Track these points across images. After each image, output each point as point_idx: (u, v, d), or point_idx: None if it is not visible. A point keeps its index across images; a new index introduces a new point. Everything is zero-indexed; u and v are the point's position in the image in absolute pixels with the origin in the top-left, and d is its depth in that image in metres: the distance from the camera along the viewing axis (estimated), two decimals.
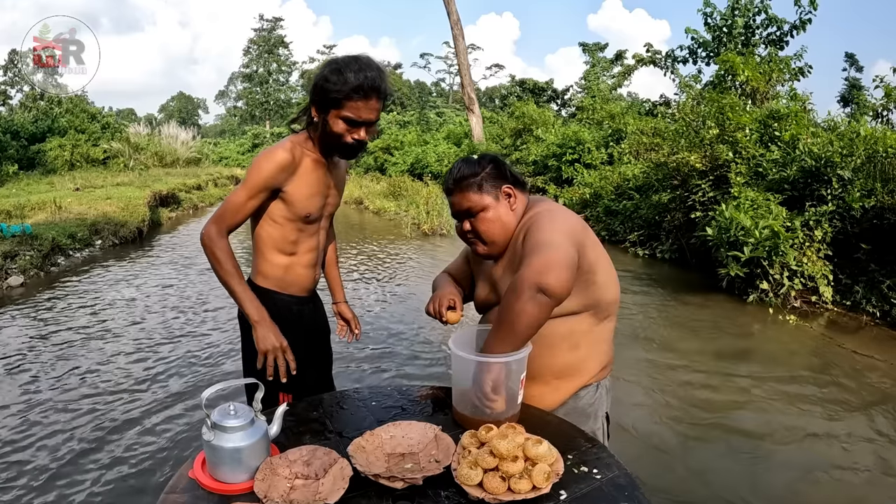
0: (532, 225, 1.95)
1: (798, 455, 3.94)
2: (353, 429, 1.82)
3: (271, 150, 2.26)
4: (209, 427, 1.56)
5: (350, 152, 2.30)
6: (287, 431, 1.80)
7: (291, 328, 2.33)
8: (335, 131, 2.20)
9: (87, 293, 7.99)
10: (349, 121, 2.17)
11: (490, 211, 2.05)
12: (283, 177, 2.23)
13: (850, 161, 7.33)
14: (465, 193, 2.07)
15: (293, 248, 2.38)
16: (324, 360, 2.74)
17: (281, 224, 2.32)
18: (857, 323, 6.64)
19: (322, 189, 2.38)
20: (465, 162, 2.14)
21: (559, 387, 2.06)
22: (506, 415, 1.80)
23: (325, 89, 2.15)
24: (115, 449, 3.94)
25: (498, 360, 1.73)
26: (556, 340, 2.00)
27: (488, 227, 2.05)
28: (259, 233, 2.36)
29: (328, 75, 2.14)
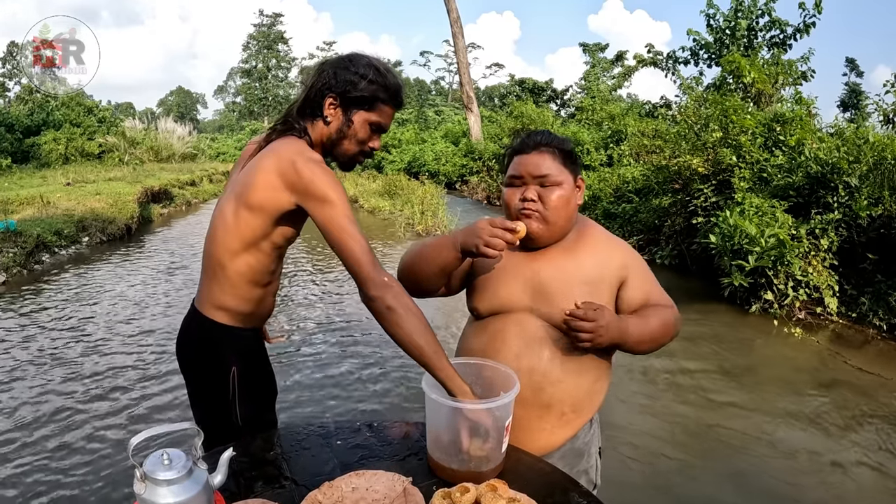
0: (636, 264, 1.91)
1: (801, 480, 3.77)
2: (313, 475, 1.58)
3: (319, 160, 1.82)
4: (139, 479, 1.31)
5: (355, 162, 1.99)
6: (238, 476, 1.57)
7: (254, 365, 2.08)
8: (359, 135, 1.90)
9: (70, 293, 7.78)
10: (376, 126, 1.91)
11: (565, 189, 1.82)
12: None
13: (857, 168, 7.11)
14: (549, 156, 1.83)
15: (270, 277, 1.99)
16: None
17: (268, 253, 1.91)
18: (863, 336, 6.43)
19: None
20: (548, 132, 1.91)
21: (571, 421, 1.85)
22: (488, 466, 1.55)
23: (359, 87, 1.84)
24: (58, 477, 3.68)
25: (479, 407, 1.51)
26: (585, 369, 1.82)
27: (558, 204, 1.81)
28: (237, 264, 1.89)
29: (364, 71, 1.84)
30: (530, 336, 1.81)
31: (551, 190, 1.81)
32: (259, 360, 2.12)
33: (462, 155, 25.42)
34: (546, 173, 1.81)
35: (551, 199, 1.80)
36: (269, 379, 2.17)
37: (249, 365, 2.03)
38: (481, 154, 22.97)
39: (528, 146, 1.85)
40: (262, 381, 2.11)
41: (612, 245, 1.91)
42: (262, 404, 2.11)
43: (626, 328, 1.73)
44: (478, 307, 1.93)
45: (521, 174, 1.84)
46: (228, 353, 1.98)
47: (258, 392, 2.09)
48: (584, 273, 1.83)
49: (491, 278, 1.91)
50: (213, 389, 2.00)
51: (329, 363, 5.57)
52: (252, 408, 2.03)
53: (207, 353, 2.01)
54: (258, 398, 2.09)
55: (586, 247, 1.87)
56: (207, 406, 2.07)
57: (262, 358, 2.15)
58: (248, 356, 2.04)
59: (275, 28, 68.00)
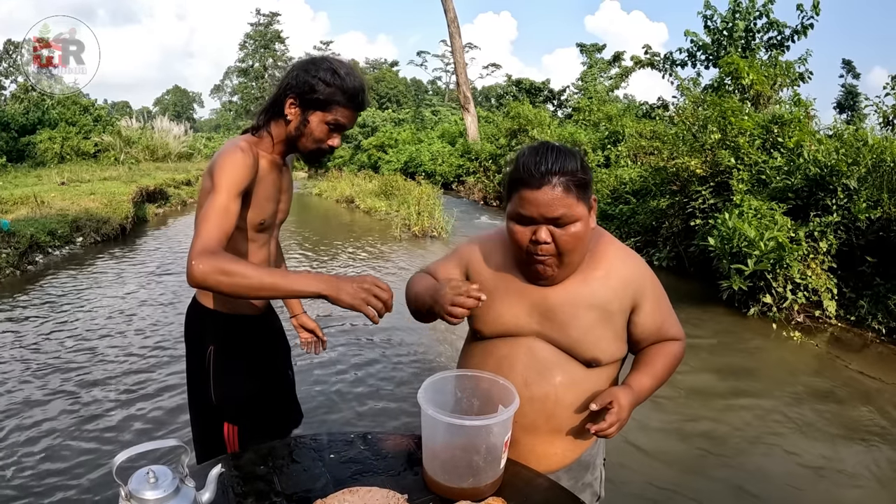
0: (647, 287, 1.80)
1: (801, 485, 3.75)
2: (304, 490, 1.53)
3: (233, 150, 1.94)
4: (124, 498, 1.27)
5: (316, 158, 2.11)
6: (227, 492, 1.52)
7: (241, 353, 2.20)
8: (315, 134, 2.02)
9: (63, 294, 7.71)
10: (334, 126, 2.03)
11: (582, 224, 1.62)
12: (251, 177, 1.95)
13: (855, 170, 7.08)
14: (563, 193, 1.57)
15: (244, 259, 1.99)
16: (286, 383, 2.51)
17: (233, 235, 1.94)
18: (862, 340, 6.40)
19: (275, 194, 2.15)
20: (557, 149, 1.61)
21: (582, 443, 1.82)
22: (486, 482, 1.51)
23: (316, 89, 1.96)
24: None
25: (478, 423, 1.46)
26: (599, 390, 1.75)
27: (576, 244, 1.64)
28: None
29: (322, 74, 1.96)
30: (540, 362, 1.74)
31: (569, 231, 1.62)
32: (242, 346, 2.21)
33: (459, 155, 25.42)
34: (561, 213, 1.59)
35: (567, 240, 1.62)
36: (256, 368, 2.25)
37: (228, 347, 2.16)
38: (478, 154, 22.95)
39: (537, 179, 1.58)
40: (242, 368, 2.19)
41: (626, 265, 1.77)
42: (241, 390, 2.18)
43: (640, 395, 1.75)
44: (482, 329, 1.83)
45: (532, 215, 1.61)
46: (207, 332, 2.18)
47: (236, 375, 2.18)
48: (594, 297, 1.72)
49: (497, 300, 1.78)
50: (195, 368, 2.21)
51: (323, 373, 5.51)
52: (228, 390, 2.16)
53: (192, 332, 2.24)
54: (236, 382, 2.17)
55: (598, 267, 1.74)
56: (191, 385, 2.26)
57: (247, 344, 2.23)
58: (227, 338, 2.17)
59: (272, 27, 67.98)
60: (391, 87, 61.98)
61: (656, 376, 1.78)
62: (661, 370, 1.79)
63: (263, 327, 2.33)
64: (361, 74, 2.09)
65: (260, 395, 2.25)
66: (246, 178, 1.92)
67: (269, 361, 2.36)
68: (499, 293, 1.78)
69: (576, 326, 1.69)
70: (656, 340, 1.83)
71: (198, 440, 2.28)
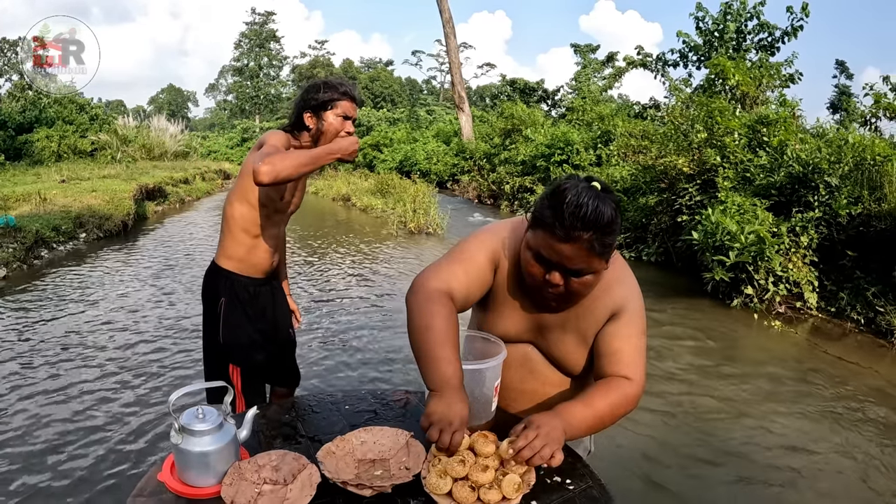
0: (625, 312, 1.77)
1: (781, 462, 3.93)
2: (325, 433, 1.78)
3: (279, 132, 2.64)
4: (177, 430, 1.52)
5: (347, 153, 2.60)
6: (258, 435, 1.77)
7: (246, 307, 2.78)
8: (334, 126, 2.62)
9: (70, 287, 7.90)
10: (344, 116, 2.63)
11: (597, 275, 1.69)
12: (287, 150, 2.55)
13: (837, 168, 7.33)
14: (588, 252, 1.60)
15: (258, 230, 2.71)
16: (283, 341, 3.06)
17: (255, 207, 2.66)
18: (841, 330, 6.64)
19: (295, 184, 2.76)
20: (601, 200, 1.60)
21: None
22: (479, 422, 1.77)
23: (318, 98, 2.60)
24: (85, 448, 3.87)
25: (468, 367, 1.70)
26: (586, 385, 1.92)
27: (586, 291, 1.72)
28: (232, 213, 2.70)
29: (320, 88, 2.62)
30: (533, 366, 1.94)
31: (584, 281, 1.67)
32: (248, 301, 2.79)
33: (453, 154, 25.49)
34: (578, 268, 1.64)
35: (578, 287, 1.69)
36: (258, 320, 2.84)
37: (237, 301, 2.75)
38: (472, 153, 23.04)
39: (566, 231, 1.58)
40: (246, 318, 2.79)
41: (615, 287, 1.80)
42: (245, 335, 2.78)
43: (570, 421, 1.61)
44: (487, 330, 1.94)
45: (550, 259, 1.65)
46: (221, 288, 2.76)
47: (241, 323, 2.77)
48: (578, 322, 1.82)
49: (505, 308, 1.89)
50: (210, 315, 2.80)
51: (327, 348, 5.81)
52: (233, 334, 2.77)
53: (209, 287, 2.83)
54: (240, 328, 2.77)
55: (593, 295, 1.78)
56: (205, 333, 2.87)
57: (252, 300, 2.81)
58: (237, 295, 2.75)
59: (267, 26, 67.96)
60: (386, 86, 62.01)
61: (594, 409, 1.66)
62: (600, 405, 1.66)
63: (268, 289, 2.91)
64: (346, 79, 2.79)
65: (261, 343, 2.84)
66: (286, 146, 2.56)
67: (271, 318, 2.91)
68: (509, 302, 1.88)
69: (560, 348, 1.88)
70: (607, 368, 1.75)
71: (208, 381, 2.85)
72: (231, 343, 2.77)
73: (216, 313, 2.76)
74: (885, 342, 6.20)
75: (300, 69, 62.99)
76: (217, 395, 2.76)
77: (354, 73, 63.33)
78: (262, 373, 2.89)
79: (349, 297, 7.86)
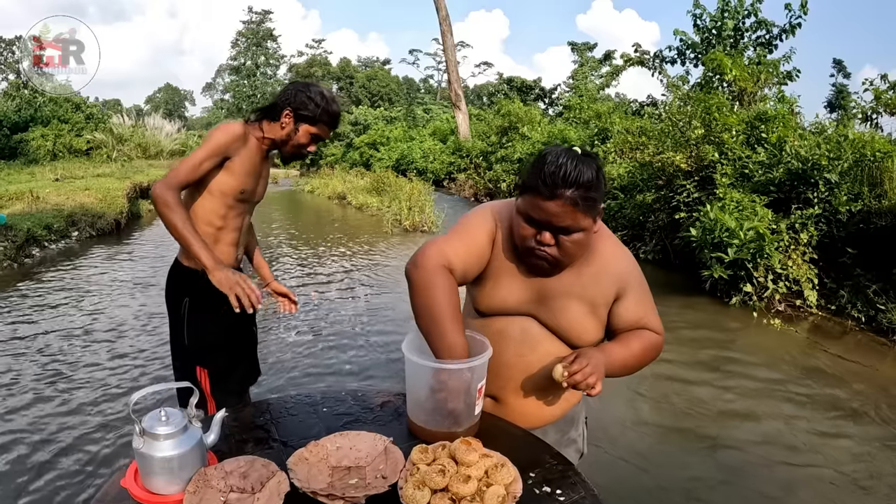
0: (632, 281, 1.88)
1: (781, 463, 3.85)
2: (300, 437, 1.68)
3: (227, 124, 2.56)
4: (139, 434, 1.42)
5: (292, 158, 2.72)
6: (229, 439, 1.67)
7: (211, 306, 2.59)
8: (301, 140, 2.59)
9: (60, 286, 7.80)
10: (315, 137, 2.60)
11: (586, 233, 1.73)
12: (235, 146, 2.51)
13: (837, 164, 7.25)
14: (573, 208, 1.66)
15: (221, 222, 2.63)
16: (247, 339, 2.97)
17: (216, 196, 2.57)
18: (841, 328, 6.55)
19: (257, 173, 2.67)
20: (578, 159, 1.67)
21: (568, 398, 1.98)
22: (462, 427, 1.66)
23: (309, 107, 2.53)
24: (47, 449, 3.78)
25: (451, 367, 1.60)
26: None
27: (576, 250, 1.75)
28: (193, 207, 2.58)
29: (316, 98, 2.55)
30: (532, 338, 1.86)
31: (573, 239, 1.71)
32: (212, 302, 2.54)
33: (450, 153, 25.50)
34: (569, 223, 1.68)
35: (569, 246, 1.73)
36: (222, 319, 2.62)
37: (200, 301, 2.63)
38: (469, 152, 23.03)
39: (551, 190, 1.66)
40: (211, 319, 2.66)
41: (617, 262, 1.86)
42: (210, 338, 2.68)
43: (610, 357, 1.75)
44: (480, 306, 1.93)
45: (539, 220, 1.71)
46: (184, 287, 2.66)
47: (205, 323, 2.67)
48: (584, 291, 1.82)
49: (504, 279, 1.88)
50: (174, 315, 2.71)
51: (316, 344, 5.73)
52: (198, 335, 2.67)
53: (171, 287, 2.74)
54: (204, 328, 2.67)
55: (592, 263, 1.82)
56: (171, 333, 2.76)
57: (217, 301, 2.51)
58: (200, 293, 2.57)
59: (264, 25, 67.88)
60: (383, 85, 61.99)
61: (630, 349, 1.80)
62: (635, 346, 1.82)
63: None
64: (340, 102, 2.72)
65: (225, 343, 2.74)
66: (229, 144, 2.49)
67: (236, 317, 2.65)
68: (507, 273, 1.88)
69: (565, 316, 1.82)
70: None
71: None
72: (196, 345, 2.68)
73: (180, 315, 2.67)
74: (885, 341, 6.11)
75: (297, 68, 62.97)
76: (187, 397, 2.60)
77: (352, 71, 63.32)
78: (230, 373, 2.78)
79: (339, 295, 7.77)
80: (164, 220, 2.35)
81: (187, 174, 2.43)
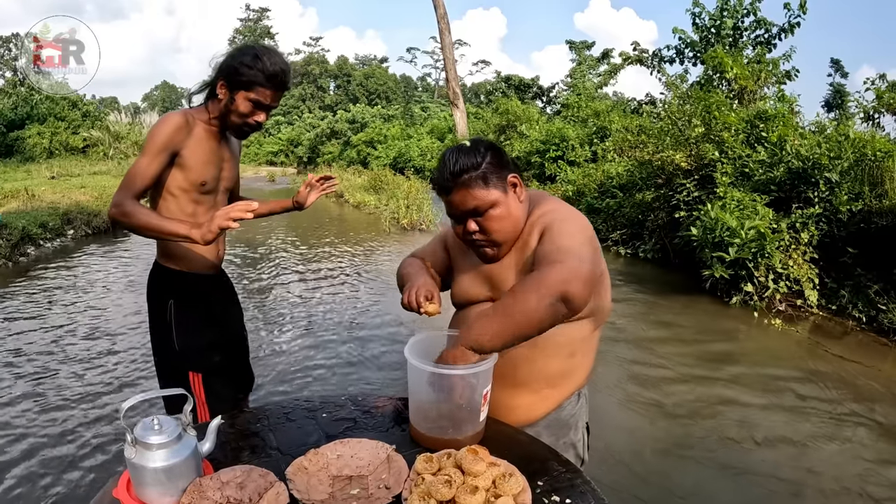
0: (552, 224, 1.76)
1: (782, 464, 3.81)
2: (298, 445, 1.62)
3: (165, 116, 2.35)
4: (130, 443, 1.36)
5: (244, 132, 2.44)
6: (225, 446, 1.62)
7: (198, 306, 2.51)
8: (241, 110, 2.34)
9: (54, 285, 7.75)
10: (256, 103, 2.33)
11: (500, 206, 1.78)
12: (179, 138, 2.30)
13: (837, 164, 7.21)
14: (468, 190, 1.77)
15: (191, 219, 2.35)
16: (236, 341, 2.78)
17: (177, 195, 2.38)
18: (842, 328, 6.51)
19: (216, 159, 2.46)
20: (459, 151, 1.81)
21: (548, 396, 1.90)
22: (467, 433, 1.61)
23: (240, 72, 2.29)
24: (40, 458, 3.69)
25: (456, 372, 1.54)
26: (555, 346, 1.83)
27: (501, 225, 1.79)
28: (158, 209, 2.38)
29: (246, 60, 2.29)
30: None
31: (489, 217, 1.78)
32: (198, 300, 2.52)
33: None
34: (474, 205, 1.78)
35: (493, 226, 1.79)
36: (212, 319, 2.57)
37: (186, 302, 2.48)
38: None
39: (446, 186, 1.80)
40: (199, 319, 2.51)
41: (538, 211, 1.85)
42: (201, 338, 2.50)
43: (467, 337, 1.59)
44: (452, 300, 2.04)
45: (455, 213, 1.84)
46: (166, 289, 2.49)
47: (195, 325, 2.49)
48: (521, 257, 1.82)
49: (460, 274, 2.01)
50: (158, 322, 2.50)
51: (311, 346, 5.67)
52: (189, 338, 2.47)
53: (153, 290, 2.53)
54: (195, 331, 2.49)
55: (532, 232, 1.81)
56: (155, 340, 2.55)
57: (203, 298, 2.55)
58: (184, 294, 2.48)
59: (261, 23, 67.83)
60: (380, 83, 61.97)
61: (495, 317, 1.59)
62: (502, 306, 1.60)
63: (217, 285, 2.67)
64: (285, 59, 2.39)
65: (218, 344, 2.57)
66: (172, 138, 2.28)
67: (224, 317, 2.65)
68: (462, 267, 2.00)
69: (509, 286, 1.79)
70: None
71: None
72: (186, 348, 2.47)
73: (166, 319, 2.47)
74: (887, 341, 6.07)
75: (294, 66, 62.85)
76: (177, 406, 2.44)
77: (349, 69, 63.24)
78: (223, 377, 2.60)
79: (337, 295, 7.72)
80: (132, 228, 2.17)
81: (139, 182, 2.24)
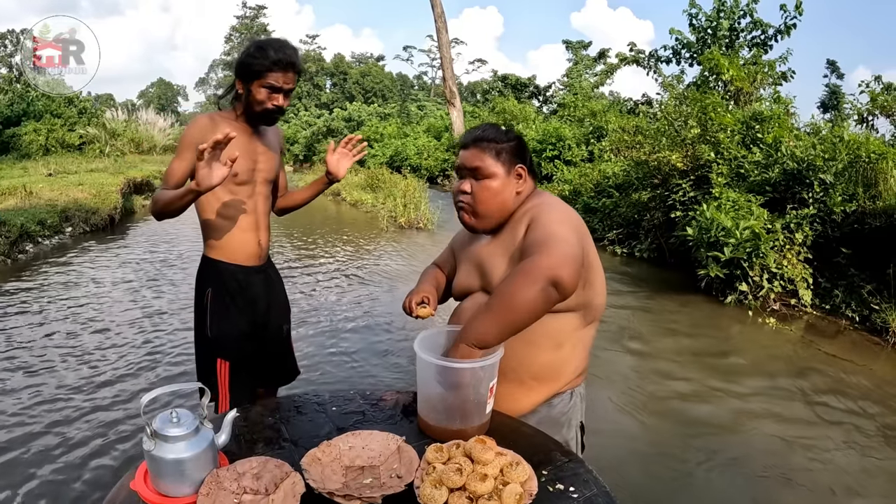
0: (539, 214, 1.85)
1: (778, 462, 3.85)
2: (311, 437, 1.68)
3: (191, 122, 2.56)
4: (149, 436, 1.41)
5: (270, 117, 2.57)
6: (239, 439, 1.67)
7: (234, 297, 2.64)
8: (258, 98, 2.48)
9: (53, 282, 7.76)
10: (271, 88, 2.47)
11: (496, 181, 1.94)
12: (205, 137, 2.28)
13: (832, 165, 7.27)
14: (481, 152, 1.95)
15: (226, 209, 2.58)
16: (274, 335, 2.86)
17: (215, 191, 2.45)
18: (836, 327, 6.58)
19: (248, 152, 2.56)
20: (492, 126, 2.03)
21: (534, 388, 1.93)
22: (474, 425, 1.67)
23: (249, 64, 2.45)
24: (56, 451, 3.73)
25: (463, 365, 1.60)
26: (540, 338, 1.86)
27: (488, 196, 1.94)
28: (202, 205, 2.57)
29: (252, 52, 2.46)
30: None
31: (483, 184, 1.94)
32: (235, 291, 2.65)
33: (444, 150, 25.51)
34: (477, 165, 1.94)
35: (481, 193, 1.94)
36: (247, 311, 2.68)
37: (224, 291, 2.63)
38: None
39: (466, 143, 2.01)
40: (235, 308, 2.64)
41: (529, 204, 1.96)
42: (232, 327, 2.64)
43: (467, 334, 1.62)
44: (452, 292, 2.20)
45: (460, 168, 2.01)
46: (207, 278, 2.65)
47: (228, 315, 2.63)
48: (512, 247, 1.87)
49: (458, 267, 2.15)
50: (198, 306, 2.67)
51: (316, 345, 5.70)
52: (220, 326, 2.62)
53: (198, 278, 2.70)
54: (227, 320, 2.63)
55: (521, 222, 1.89)
56: (196, 325, 2.69)
57: (240, 290, 2.67)
58: (224, 284, 2.63)
59: (258, 20, 67.69)
60: (377, 81, 61.90)
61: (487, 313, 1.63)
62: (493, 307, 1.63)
63: (259, 278, 2.76)
64: (288, 42, 2.54)
65: (250, 336, 2.69)
66: (198, 139, 2.33)
67: (263, 309, 2.74)
68: (460, 262, 2.15)
69: (496, 274, 1.88)
70: None
71: (199, 378, 2.66)
72: (218, 336, 2.61)
73: (203, 305, 2.63)
74: (879, 340, 6.14)
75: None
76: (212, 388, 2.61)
77: (345, 67, 63.15)
78: (251, 369, 2.71)
79: (337, 293, 7.74)
80: (162, 212, 2.35)
81: (170, 179, 2.42)
